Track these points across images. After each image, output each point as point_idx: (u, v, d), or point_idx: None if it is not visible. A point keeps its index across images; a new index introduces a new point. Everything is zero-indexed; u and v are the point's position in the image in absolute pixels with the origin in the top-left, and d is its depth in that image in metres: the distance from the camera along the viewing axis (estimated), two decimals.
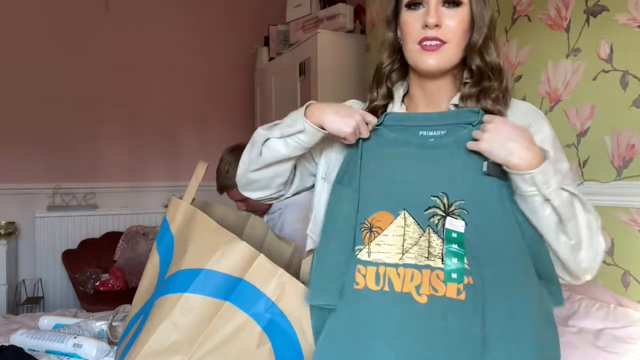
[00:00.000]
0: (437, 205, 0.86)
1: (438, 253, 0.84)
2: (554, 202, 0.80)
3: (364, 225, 0.90)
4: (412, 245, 0.86)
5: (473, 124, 0.87)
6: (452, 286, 0.82)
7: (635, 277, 1.54)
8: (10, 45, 3.18)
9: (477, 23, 0.88)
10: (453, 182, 0.87)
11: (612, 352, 1.29)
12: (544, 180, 0.79)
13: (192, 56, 3.68)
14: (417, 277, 0.84)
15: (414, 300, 0.84)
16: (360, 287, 0.87)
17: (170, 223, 1.12)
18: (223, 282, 0.98)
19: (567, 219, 0.81)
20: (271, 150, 0.96)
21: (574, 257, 0.84)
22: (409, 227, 0.87)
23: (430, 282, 0.83)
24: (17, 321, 1.82)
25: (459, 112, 0.89)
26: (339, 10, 2.83)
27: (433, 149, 0.89)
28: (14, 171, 3.22)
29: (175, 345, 0.96)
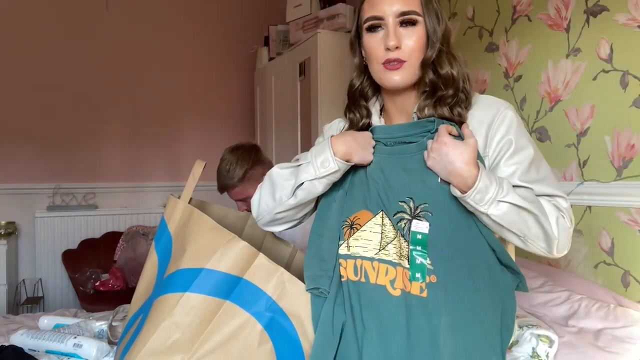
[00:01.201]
0: (404, 210, 0.94)
1: (405, 254, 0.92)
2: (493, 216, 0.88)
3: (345, 222, 1.00)
4: (387, 244, 0.95)
5: (431, 132, 0.96)
6: (416, 285, 0.90)
7: (635, 277, 1.54)
8: (10, 45, 3.18)
9: (430, 39, 0.95)
10: (417, 186, 0.94)
11: (612, 352, 1.29)
12: (478, 199, 0.87)
13: (192, 56, 3.68)
14: (392, 273, 0.93)
15: (389, 293, 0.93)
16: (344, 279, 0.98)
17: (168, 223, 1.12)
18: (223, 281, 0.98)
19: (510, 225, 0.88)
20: (308, 192, 1.01)
21: (532, 246, 0.91)
22: (386, 226, 0.96)
23: (403, 279, 0.92)
24: (17, 321, 1.82)
25: (419, 123, 0.98)
26: (339, 10, 2.83)
27: (401, 156, 0.98)
28: (14, 171, 3.21)
29: (176, 345, 0.96)
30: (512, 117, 0.96)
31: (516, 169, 0.93)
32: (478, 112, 0.97)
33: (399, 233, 0.93)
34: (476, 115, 0.97)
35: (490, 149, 0.95)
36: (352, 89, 1.08)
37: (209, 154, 3.52)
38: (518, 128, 0.96)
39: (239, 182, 1.72)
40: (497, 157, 0.95)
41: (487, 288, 0.91)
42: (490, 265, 0.92)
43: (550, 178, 0.96)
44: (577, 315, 1.49)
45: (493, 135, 0.95)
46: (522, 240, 0.91)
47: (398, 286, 0.92)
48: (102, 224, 3.41)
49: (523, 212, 0.89)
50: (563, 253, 0.94)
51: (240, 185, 1.73)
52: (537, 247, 0.92)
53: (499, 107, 0.97)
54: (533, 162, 0.94)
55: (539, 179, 0.94)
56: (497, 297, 0.92)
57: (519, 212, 0.88)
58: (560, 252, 0.93)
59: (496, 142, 0.95)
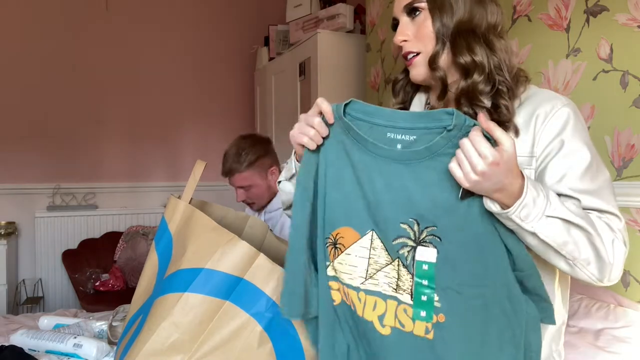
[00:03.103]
0: (407, 235, 0.78)
1: (407, 288, 0.78)
2: (540, 234, 0.73)
3: (328, 240, 0.86)
4: (376, 271, 0.81)
5: (448, 129, 0.74)
6: (421, 325, 0.78)
7: (635, 277, 1.54)
8: (10, 45, 3.18)
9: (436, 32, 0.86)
10: (424, 204, 0.77)
11: (612, 352, 1.29)
12: (522, 216, 0.72)
13: (192, 56, 3.68)
14: (381, 307, 0.81)
15: (377, 331, 0.81)
16: (337, 303, 0.88)
17: (169, 223, 1.12)
18: (223, 281, 0.98)
19: (561, 245, 0.74)
20: (285, 192, 0.99)
21: (581, 272, 0.77)
22: (375, 250, 0.81)
23: (396, 315, 0.80)
24: (17, 321, 1.82)
25: (431, 115, 0.77)
26: (339, 10, 2.83)
27: (404, 162, 0.78)
28: (14, 171, 3.21)
29: (175, 345, 0.96)
30: (568, 114, 0.83)
31: (565, 174, 0.80)
32: (530, 105, 0.85)
33: (398, 262, 0.79)
34: (528, 109, 0.84)
35: (539, 149, 0.82)
36: (395, 83, 1.02)
37: (209, 153, 3.50)
38: (575, 128, 0.83)
39: (247, 168, 1.74)
40: (546, 160, 0.82)
41: (507, 320, 0.77)
42: (512, 294, 0.77)
43: (606, 191, 0.81)
44: (577, 315, 1.49)
45: (543, 134, 0.82)
46: (571, 264, 0.76)
47: (388, 323, 0.80)
48: (102, 224, 3.41)
49: (575, 229, 0.75)
50: (614, 282, 0.80)
51: (248, 171, 1.74)
52: (586, 274, 0.77)
53: (556, 102, 0.84)
54: (589, 168, 0.80)
55: (592, 189, 0.80)
56: (519, 330, 0.78)
57: (570, 229, 0.74)
58: (613, 280, 0.79)
59: (546, 142, 0.82)
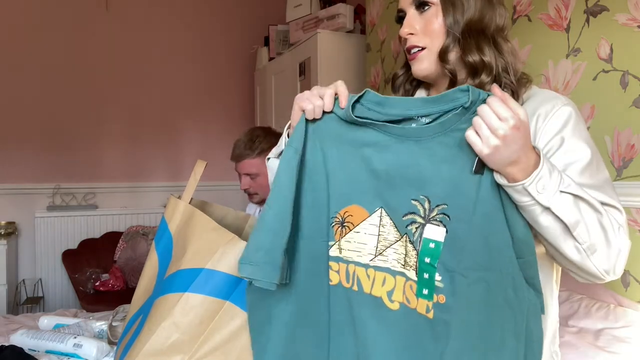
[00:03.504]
0: (417, 212, 0.78)
1: (413, 264, 0.79)
2: (555, 209, 0.72)
3: (335, 219, 0.85)
4: (386, 248, 0.81)
5: (465, 106, 0.75)
6: (423, 302, 0.78)
7: (635, 277, 1.54)
8: (10, 45, 3.18)
9: (448, 27, 0.86)
10: (436, 182, 0.77)
11: (612, 352, 1.29)
12: (539, 188, 0.71)
13: (192, 56, 3.68)
14: (390, 282, 0.81)
15: (385, 306, 0.81)
16: (334, 284, 0.87)
17: (169, 223, 1.12)
18: (223, 281, 0.98)
19: (573, 224, 0.73)
20: (272, 171, 0.94)
21: (588, 260, 0.76)
22: (384, 227, 0.81)
23: (404, 291, 0.80)
24: (17, 321, 1.82)
25: (445, 96, 0.76)
26: (339, 10, 2.83)
27: (415, 139, 0.78)
28: (14, 171, 3.21)
29: (175, 345, 0.96)
30: (569, 113, 0.84)
31: (565, 170, 0.80)
32: (531, 105, 0.85)
33: (405, 236, 0.80)
34: (528, 109, 0.84)
35: (539, 147, 0.82)
36: (394, 79, 1.01)
37: (209, 153, 3.51)
38: (575, 126, 0.84)
39: (258, 155, 1.75)
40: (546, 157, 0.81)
41: (511, 310, 0.75)
42: (517, 282, 0.75)
43: (607, 187, 0.81)
44: (577, 315, 1.49)
45: (544, 132, 0.83)
46: (580, 250, 0.75)
47: (397, 298, 0.81)
48: (102, 224, 3.41)
49: (585, 207, 0.73)
50: (618, 275, 0.78)
51: (258, 158, 1.75)
52: (593, 263, 0.75)
53: (556, 101, 0.85)
54: (589, 165, 0.81)
55: (593, 184, 0.79)
56: (522, 317, 0.76)
57: (581, 208, 0.73)
58: (618, 273, 0.77)
59: (546, 139, 0.82)
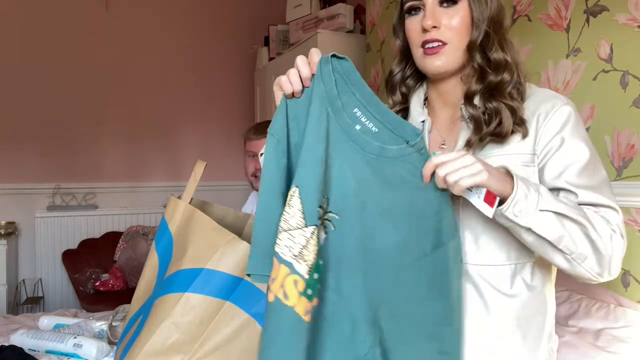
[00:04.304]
0: (322, 206, 0.76)
1: (309, 260, 0.73)
2: (536, 229, 0.74)
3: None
4: (282, 231, 0.73)
5: (410, 144, 0.78)
6: (303, 303, 0.72)
7: (635, 277, 1.54)
8: (10, 45, 3.18)
9: (475, 19, 0.86)
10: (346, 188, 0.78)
11: (612, 352, 1.29)
12: (516, 211, 0.73)
13: (192, 56, 3.68)
14: (275, 270, 0.73)
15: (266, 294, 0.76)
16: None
17: (169, 223, 1.12)
18: (224, 281, 0.98)
19: (557, 240, 0.75)
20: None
21: (579, 267, 0.77)
22: (291, 208, 0.74)
23: (283, 284, 0.72)
24: (17, 321, 1.82)
25: (403, 124, 0.80)
26: (339, 10, 2.83)
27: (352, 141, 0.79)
28: (14, 171, 3.21)
29: (176, 345, 0.96)
30: (569, 113, 0.85)
31: (564, 170, 0.82)
32: (532, 104, 0.87)
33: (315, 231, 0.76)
34: (529, 108, 0.87)
35: (540, 147, 0.84)
36: (390, 76, 0.99)
37: (209, 153, 3.50)
38: (575, 126, 0.85)
39: None
40: (546, 157, 0.85)
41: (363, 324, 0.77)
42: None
43: (604, 187, 0.83)
44: (577, 315, 1.49)
45: (544, 131, 0.84)
46: (569, 259, 0.77)
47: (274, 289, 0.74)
48: (102, 224, 3.41)
49: (569, 222, 0.76)
50: (614, 276, 0.80)
51: None
52: (585, 269, 0.77)
53: (556, 101, 0.87)
54: (587, 165, 0.82)
55: (590, 185, 0.82)
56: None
57: (564, 223, 0.75)
58: (613, 274, 0.79)
59: (547, 139, 0.84)
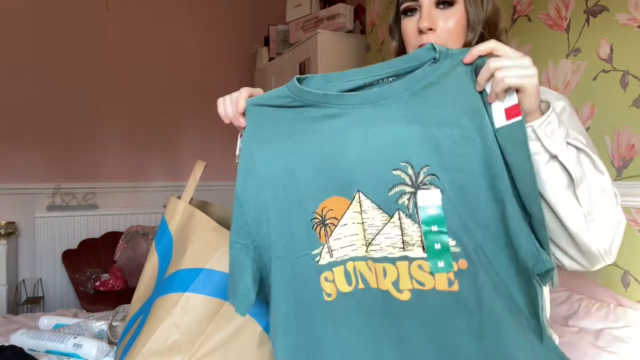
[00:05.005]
0: (403, 181, 0.70)
1: (416, 241, 0.70)
2: (562, 158, 0.69)
3: (314, 220, 0.75)
4: (375, 235, 0.71)
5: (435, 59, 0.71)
6: (442, 277, 0.68)
7: (635, 277, 1.54)
8: (10, 45, 3.18)
9: (471, 21, 0.86)
10: (412, 145, 0.69)
11: (612, 352, 1.29)
12: (548, 132, 0.68)
13: (192, 56, 3.68)
14: (392, 272, 0.71)
15: (395, 298, 0.71)
16: (333, 298, 0.75)
17: (169, 223, 1.12)
18: (223, 281, 0.98)
19: (577, 179, 0.69)
20: None
21: (586, 228, 0.71)
22: (367, 212, 0.72)
23: (411, 275, 0.71)
24: (17, 321, 1.82)
25: (412, 56, 0.73)
26: (339, 10, 2.83)
27: (380, 103, 0.71)
28: (14, 171, 3.21)
29: (175, 345, 0.96)
30: (563, 106, 0.84)
31: None
32: None
33: (398, 214, 0.71)
34: None
35: None
36: None
37: (209, 154, 3.50)
38: (569, 119, 0.83)
39: None
40: None
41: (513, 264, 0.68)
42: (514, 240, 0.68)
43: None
44: (577, 315, 1.49)
45: None
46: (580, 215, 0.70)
47: (405, 287, 0.71)
48: (102, 224, 3.41)
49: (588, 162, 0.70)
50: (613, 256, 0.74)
51: None
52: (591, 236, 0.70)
53: (549, 96, 0.84)
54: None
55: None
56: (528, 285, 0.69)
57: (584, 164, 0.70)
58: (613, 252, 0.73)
59: None
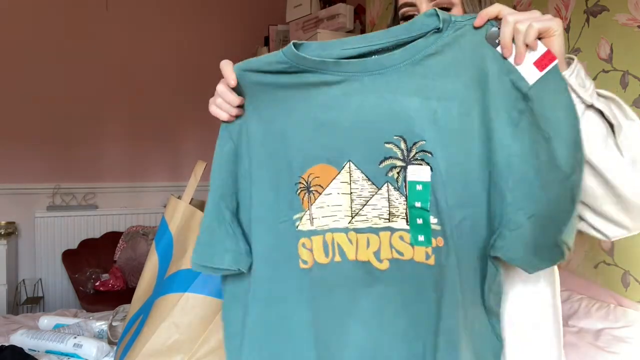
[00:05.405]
0: (394, 155, 0.69)
1: (402, 213, 0.70)
2: (598, 106, 0.65)
3: (299, 184, 0.74)
4: (362, 206, 0.72)
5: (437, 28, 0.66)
6: (420, 250, 0.69)
7: (635, 277, 1.54)
8: (11, 45, 3.18)
9: None
10: (409, 118, 0.67)
11: (612, 352, 1.29)
12: (580, 80, 0.65)
13: (192, 56, 3.68)
14: (375, 242, 0.72)
15: (375, 268, 0.71)
16: (309, 266, 0.74)
17: (169, 223, 1.12)
18: None
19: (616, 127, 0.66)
20: None
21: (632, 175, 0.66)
22: (356, 183, 0.71)
23: (392, 245, 0.71)
24: (17, 321, 1.82)
25: (412, 24, 0.68)
26: (339, 10, 2.83)
27: (378, 72, 0.69)
28: (14, 171, 3.21)
29: (176, 345, 0.96)
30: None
31: None
32: None
33: (387, 186, 0.71)
34: None
35: None
36: None
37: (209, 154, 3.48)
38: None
39: None
40: None
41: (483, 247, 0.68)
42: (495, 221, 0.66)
43: None
44: (577, 315, 1.49)
45: None
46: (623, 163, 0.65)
47: (385, 256, 0.71)
48: (102, 224, 3.41)
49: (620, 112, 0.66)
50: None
51: None
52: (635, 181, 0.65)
53: None
54: None
55: None
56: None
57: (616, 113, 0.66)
58: None
59: None
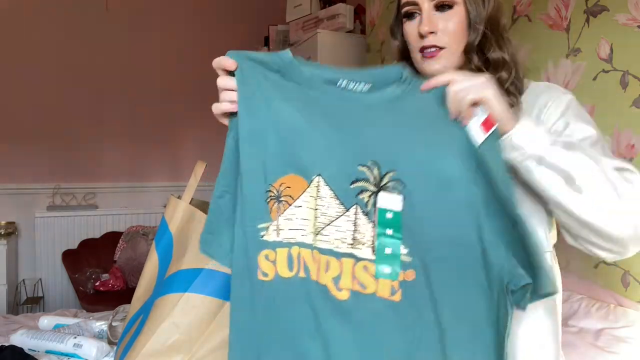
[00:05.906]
0: (367, 178, 0.68)
1: (368, 240, 0.68)
2: (550, 157, 0.67)
3: (270, 192, 0.72)
4: (325, 225, 0.69)
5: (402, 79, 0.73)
6: (385, 284, 0.66)
7: (635, 277, 1.54)
8: (10, 45, 3.18)
9: (472, 21, 0.85)
10: (383, 146, 0.68)
11: (612, 352, 1.29)
12: (529, 138, 0.68)
13: (192, 56, 3.67)
14: (335, 267, 0.69)
15: (332, 296, 0.68)
16: (269, 279, 0.71)
17: (169, 223, 1.12)
18: (224, 282, 0.98)
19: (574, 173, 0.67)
20: None
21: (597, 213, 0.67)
22: (322, 199, 0.69)
23: (354, 275, 0.68)
24: (17, 321, 1.82)
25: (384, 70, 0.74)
26: (339, 10, 2.83)
27: (355, 101, 0.71)
28: (14, 171, 3.21)
29: (175, 345, 0.96)
30: (570, 99, 0.84)
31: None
32: (530, 96, 0.87)
33: (356, 209, 0.69)
34: (528, 100, 0.85)
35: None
36: None
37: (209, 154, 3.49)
38: (577, 111, 0.82)
39: None
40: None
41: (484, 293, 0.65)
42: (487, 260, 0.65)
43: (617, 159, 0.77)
44: (577, 315, 1.49)
45: (545, 118, 0.82)
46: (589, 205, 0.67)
47: (344, 286, 0.68)
48: (102, 224, 3.41)
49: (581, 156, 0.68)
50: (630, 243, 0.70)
51: None
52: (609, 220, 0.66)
53: (555, 90, 0.86)
54: (597, 143, 0.77)
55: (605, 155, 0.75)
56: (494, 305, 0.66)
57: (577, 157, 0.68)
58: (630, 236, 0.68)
59: (550, 124, 0.81)
